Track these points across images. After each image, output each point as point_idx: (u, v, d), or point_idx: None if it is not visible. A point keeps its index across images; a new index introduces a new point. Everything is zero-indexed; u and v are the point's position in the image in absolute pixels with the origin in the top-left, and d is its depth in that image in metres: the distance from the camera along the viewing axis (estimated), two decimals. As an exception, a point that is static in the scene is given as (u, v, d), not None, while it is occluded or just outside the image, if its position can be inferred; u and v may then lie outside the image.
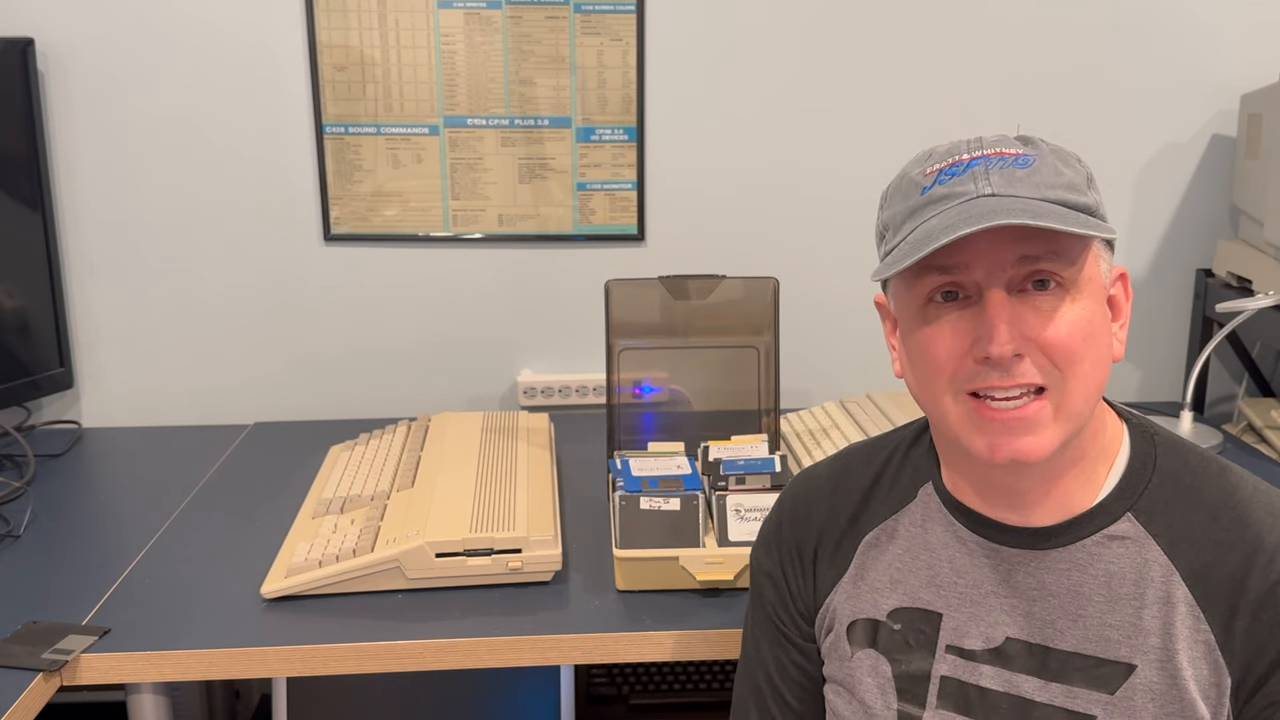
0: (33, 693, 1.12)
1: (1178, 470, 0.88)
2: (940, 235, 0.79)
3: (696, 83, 1.87)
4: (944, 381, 0.84)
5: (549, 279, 1.94)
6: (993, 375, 0.81)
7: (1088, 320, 0.82)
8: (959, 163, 0.84)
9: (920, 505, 0.95)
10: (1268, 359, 2.00)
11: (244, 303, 1.91)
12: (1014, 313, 0.81)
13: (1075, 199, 0.83)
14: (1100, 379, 0.84)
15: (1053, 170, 0.84)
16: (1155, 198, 1.96)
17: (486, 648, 1.22)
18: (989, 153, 0.84)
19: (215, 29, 1.80)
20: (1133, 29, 1.89)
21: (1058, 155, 0.86)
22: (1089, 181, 0.86)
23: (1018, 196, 0.82)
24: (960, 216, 0.80)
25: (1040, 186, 0.83)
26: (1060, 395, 0.82)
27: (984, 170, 0.83)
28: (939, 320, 0.84)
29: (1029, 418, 0.81)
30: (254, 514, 1.54)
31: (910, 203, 0.86)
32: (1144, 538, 0.86)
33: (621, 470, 1.41)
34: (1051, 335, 0.81)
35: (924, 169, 0.86)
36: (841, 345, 1.99)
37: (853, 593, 0.96)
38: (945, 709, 0.90)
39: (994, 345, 0.80)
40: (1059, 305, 0.81)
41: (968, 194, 0.82)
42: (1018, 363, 0.81)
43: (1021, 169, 0.83)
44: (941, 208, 0.83)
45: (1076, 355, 0.81)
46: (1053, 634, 0.87)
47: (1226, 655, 0.82)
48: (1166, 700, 0.83)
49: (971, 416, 0.83)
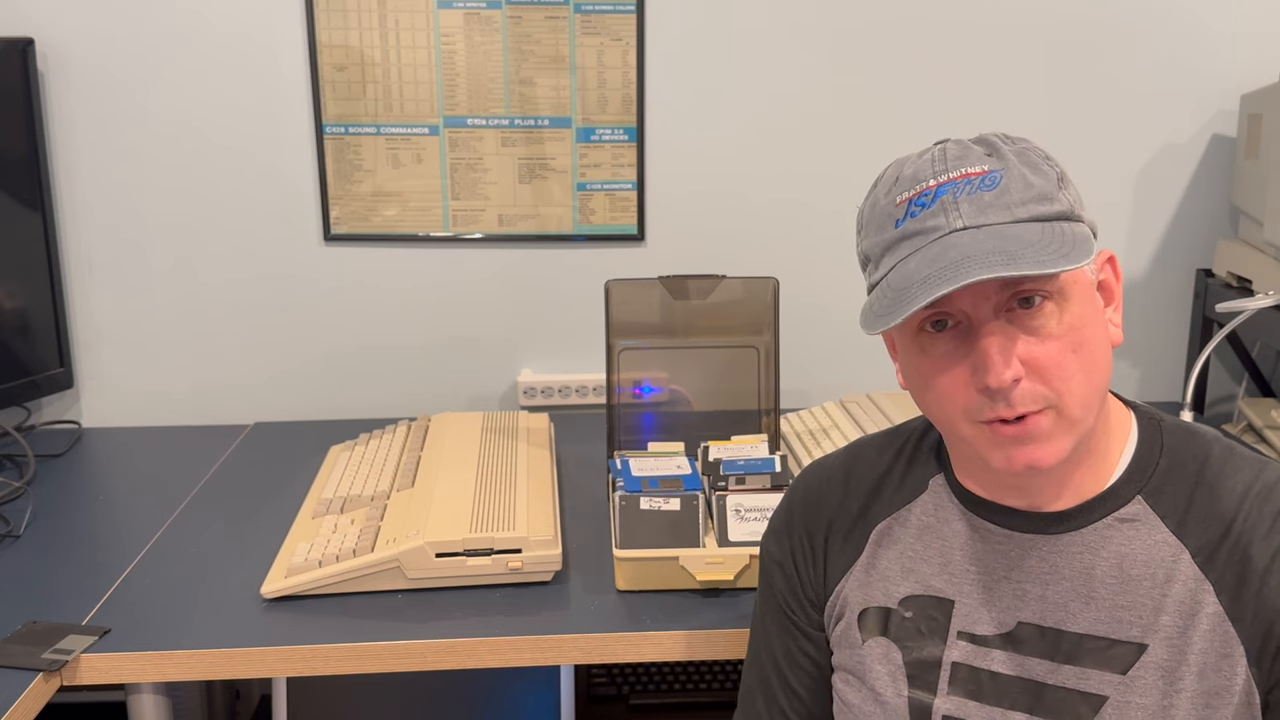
0: (33, 693, 1.12)
1: (1184, 452, 0.90)
2: (919, 290, 0.79)
3: (696, 82, 1.87)
4: (958, 412, 0.85)
5: (549, 279, 1.94)
6: (998, 405, 0.82)
7: (1078, 328, 0.83)
8: (926, 191, 0.84)
9: (932, 495, 0.96)
10: (1268, 359, 2.00)
11: (244, 302, 1.91)
12: (1005, 341, 0.82)
13: (1048, 209, 0.83)
14: (1099, 379, 0.85)
15: (1021, 184, 0.83)
16: (1155, 198, 1.96)
17: (486, 648, 1.22)
18: (954, 176, 0.84)
19: (215, 29, 1.80)
20: (1133, 29, 1.89)
21: (1025, 161, 0.85)
22: (1060, 182, 0.85)
23: (989, 224, 0.82)
24: (935, 261, 0.81)
25: (1011, 207, 0.82)
26: (1060, 407, 0.83)
27: (952, 199, 0.83)
28: (934, 352, 0.85)
29: (1034, 432, 0.83)
30: (254, 514, 1.54)
31: (885, 235, 0.86)
32: (1153, 519, 0.88)
33: (621, 470, 1.41)
34: (1043, 357, 0.82)
35: (894, 197, 0.86)
36: (841, 345, 1.99)
37: (864, 581, 0.97)
38: (956, 695, 0.91)
39: (991, 377, 0.81)
40: (1048, 321, 0.82)
41: (939, 229, 0.83)
42: (1014, 388, 0.82)
43: (989, 191, 0.83)
44: (916, 245, 0.84)
45: (1068, 371, 0.82)
46: (1065, 617, 0.88)
47: (1238, 626, 0.84)
48: (1177, 677, 0.84)
49: (986, 436, 0.85)
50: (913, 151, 0.90)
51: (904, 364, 0.91)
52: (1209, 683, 0.84)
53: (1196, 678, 0.84)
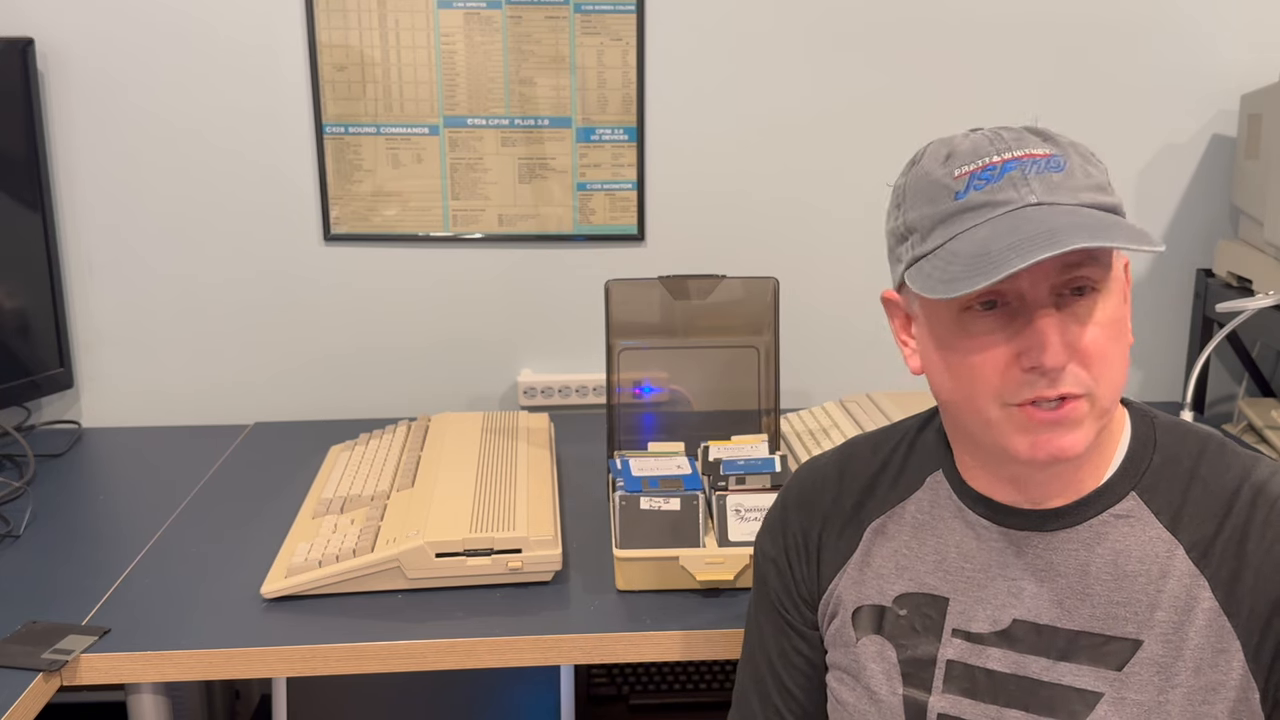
0: (33, 693, 1.12)
1: (1177, 449, 0.90)
2: (1008, 256, 0.77)
3: (696, 83, 1.87)
4: (990, 393, 0.84)
5: (549, 279, 1.94)
6: (1040, 384, 0.82)
7: (1116, 320, 0.84)
8: (992, 166, 0.83)
9: (928, 492, 0.96)
10: (1268, 359, 2.00)
11: (244, 302, 1.91)
12: (1062, 323, 0.82)
13: (1106, 200, 0.84)
14: (1124, 371, 0.86)
15: (1083, 172, 0.84)
16: (1155, 198, 1.96)
17: (486, 648, 1.22)
18: (1019, 155, 0.83)
19: (215, 29, 1.80)
20: (1133, 29, 1.89)
21: (1079, 153, 0.86)
22: (1108, 177, 0.87)
23: (1061, 204, 0.82)
24: (1015, 231, 0.79)
25: (1077, 191, 0.83)
26: (1095, 395, 0.83)
27: (1022, 176, 0.82)
28: (981, 331, 0.84)
29: (1070, 417, 0.83)
30: (254, 514, 1.54)
31: (941, 207, 0.84)
32: (1147, 515, 0.88)
33: (621, 470, 1.41)
34: (1090, 344, 0.82)
35: (951, 170, 0.85)
36: (841, 345, 1.99)
37: (858, 579, 0.97)
38: (951, 693, 0.91)
39: (1048, 357, 0.81)
40: (1094, 311, 0.83)
41: (1011, 202, 0.82)
42: (1061, 372, 0.82)
43: (1057, 173, 0.83)
44: (984, 215, 0.82)
45: (1109, 359, 0.83)
46: (1060, 614, 0.88)
47: (1234, 621, 0.84)
48: (1173, 673, 0.85)
49: (1016, 419, 0.84)
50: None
51: (939, 345, 0.88)
52: (1205, 678, 0.84)
53: (1192, 673, 0.84)
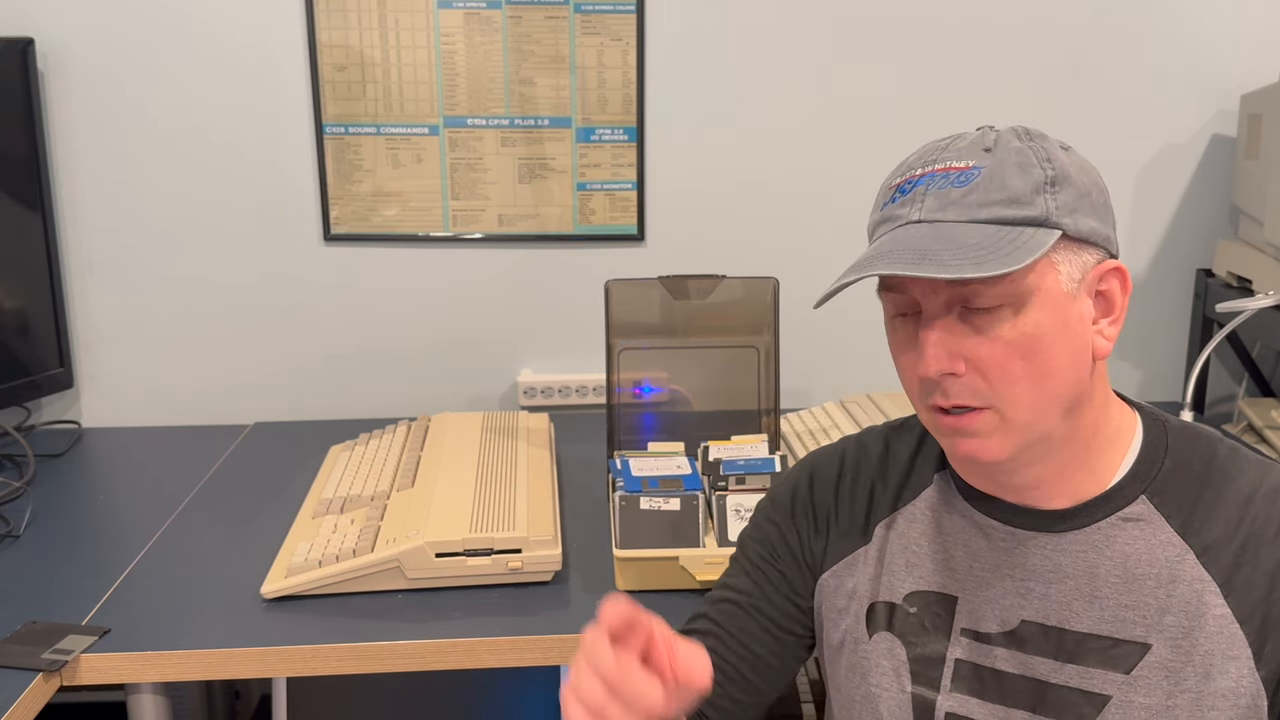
0: (33, 693, 1.12)
1: (1189, 454, 0.90)
2: (861, 267, 0.82)
3: (696, 83, 1.87)
4: (915, 393, 0.88)
5: (549, 279, 1.94)
6: (936, 392, 0.85)
7: (1034, 335, 0.82)
8: (910, 179, 0.86)
9: (937, 490, 0.96)
10: (1268, 359, 2.00)
11: (244, 302, 1.91)
12: (944, 334, 0.83)
13: (1013, 214, 0.82)
14: (1055, 387, 0.83)
15: (995, 185, 0.82)
16: (1155, 198, 1.96)
17: (486, 648, 1.22)
18: (938, 168, 0.85)
19: (215, 29, 1.80)
20: (1133, 29, 1.89)
21: (1018, 159, 0.83)
22: (1043, 187, 0.82)
23: (943, 221, 0.83)
24: (894, 244, 0.83)
25: (973, 207, 0.82)
26: (1002, 409, 0.83)
27: (924, 191, 0.84)
28: (901, 338, 0.88)
29: (971, 427, 0.84)
30: (254, 514, 1.54)
31: (875, 215, 0.89)
32: (1158, 519, 0.88)
33: (621, 470, 1.41)
34: (986, 357, 0.82)
35: (892, 179, 0.89)
36: (841, 345, 1.99)
37: (872, 575, 0.97)
38: (959, 692, 0.91)
39: (921, 367, 0.84)
40: (998, 324, 0.82)
41: (901, 219, 0.85)
42: (953, 382, 0.83)
43: (959, 188, 0.83)
44: (887, 229, 0.86)
45: (1013, 375, 0.82)
46: (1068, 615, 0.88)
47: (1245, 628, 0.84)
48: (1181, 678, 0.85)
49: (933, 422, 0.88)
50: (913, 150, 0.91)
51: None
52: (1213, 684, 0.84)
53: (1201, 678, 0.84)
